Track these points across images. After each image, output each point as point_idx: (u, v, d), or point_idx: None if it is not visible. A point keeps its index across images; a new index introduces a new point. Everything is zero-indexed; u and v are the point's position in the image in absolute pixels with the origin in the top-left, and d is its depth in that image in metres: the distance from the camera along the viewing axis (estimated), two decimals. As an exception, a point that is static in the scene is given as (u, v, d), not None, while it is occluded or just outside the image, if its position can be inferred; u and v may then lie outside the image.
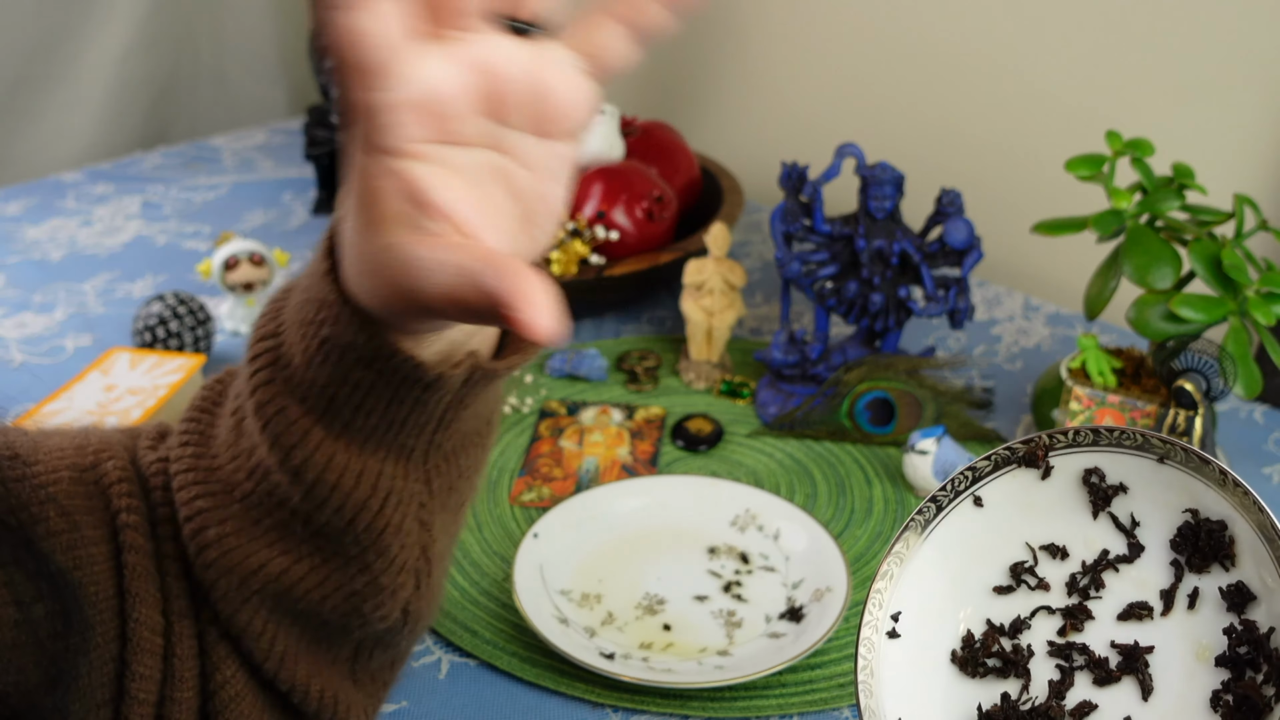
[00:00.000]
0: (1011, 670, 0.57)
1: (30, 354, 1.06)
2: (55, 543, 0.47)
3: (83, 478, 0.50)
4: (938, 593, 0.59)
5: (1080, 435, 0.57)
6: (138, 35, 1.72)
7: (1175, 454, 0.54)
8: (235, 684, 0.51)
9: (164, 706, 0.50)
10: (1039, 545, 0.59)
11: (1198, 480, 0.54)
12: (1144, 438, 0.55)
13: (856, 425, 0.94)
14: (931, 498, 0.59)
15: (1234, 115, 1.06)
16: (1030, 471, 0.58)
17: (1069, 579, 0.58)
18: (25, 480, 0.48)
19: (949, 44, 1.24)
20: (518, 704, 0.70)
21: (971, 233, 0.92)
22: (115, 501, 0.50)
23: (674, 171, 1.17)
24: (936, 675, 0.58)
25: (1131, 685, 0.55)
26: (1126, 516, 0.57)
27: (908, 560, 0.59)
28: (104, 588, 0.49)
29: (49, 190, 1.41)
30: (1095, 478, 0.57)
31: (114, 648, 0.49)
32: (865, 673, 0.57)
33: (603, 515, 0.83)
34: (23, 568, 0.45)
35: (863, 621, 0.58)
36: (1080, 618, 0.57)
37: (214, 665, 0.51)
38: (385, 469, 0.48)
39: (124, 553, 0.49)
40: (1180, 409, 0.79)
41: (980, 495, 0.59)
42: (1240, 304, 0.79)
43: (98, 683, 0.48)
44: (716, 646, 0.73)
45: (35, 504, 0.47)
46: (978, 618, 0.59)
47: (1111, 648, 0.56)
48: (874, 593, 0.59)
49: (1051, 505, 0.58)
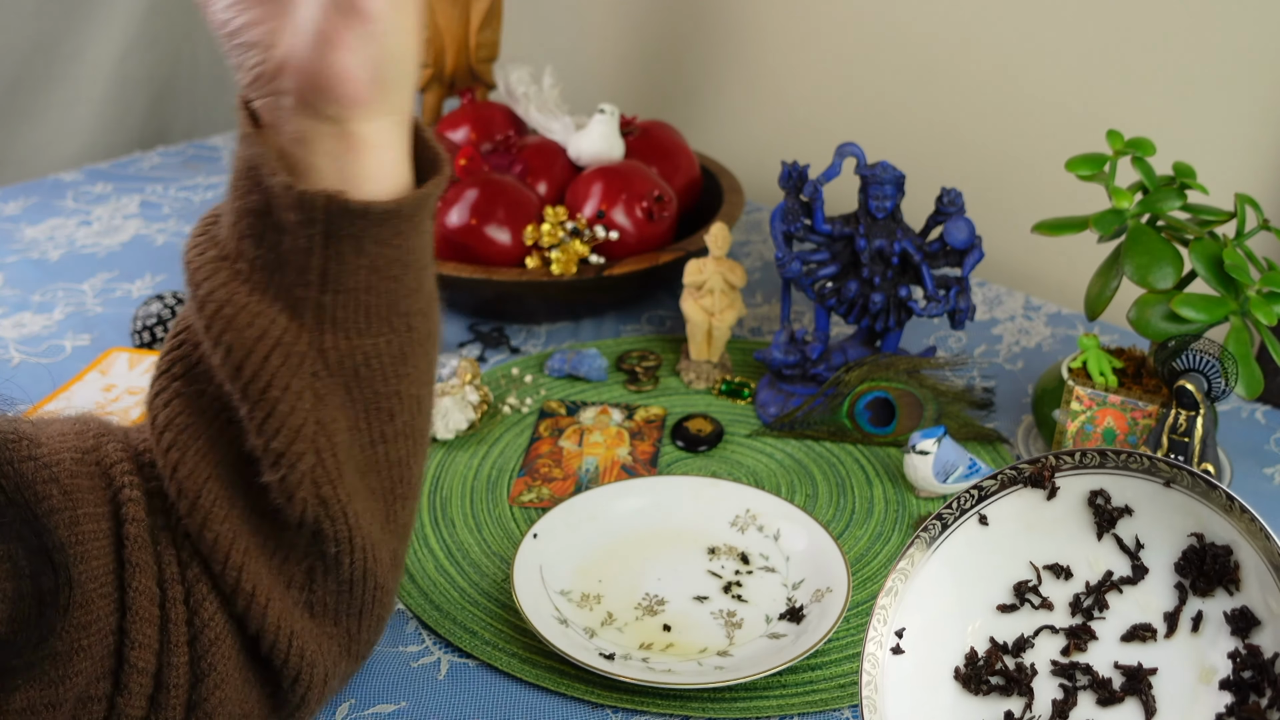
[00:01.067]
0: (1015, 689, 0.57)
1: (29, 354, 1.06)
2: (57, 519, 0.50)
3: (84, 459, 0.53)
4: (942, 610, 0.59)
5: (1087, 457, 0.57)
6: (137, 35, 1.72)
7: (1182, 478, 0.54)
8: (215, 625, 0.53)
9: (161, 673, 0.52)
10: (1043, 565, 0.59)
11: (1204, 505, 0.54)
12: (1151, 461, 0.55)
13: (857, 425, 0.94)
14: (937, 515, 0.59)
15: (1235, 115, 1.06)
16: (1036, 492, 0.58)
17: (1073, 599, 0.58)
18: (30, 460, 0.50)
19: (949, 43, 1.24)
20: (517, 704, 0.70)
21: (972, 232, 0.92)
22: (117, 479, 0.53)
23: (674, 171, 1.17)
24: (940, 692, 0.59)
25: (1135, 706, 0.55)
26: (1131, 539, 0.57)
27: (912, 577, 0.59)
28: (104, 561, 0.51)
29: (48, 190, 1.41)
30: (1101, 499, 0.57)
31: (114, 619, 0.51)
32: (870, 689, 0.57)
33: (603, 515, 0.82)
34: (25, 544, 0.47)
35: (867, 637, 0.58)
36: (1084, 638, 0.57)
37: (196, 606, 0.53)
38: (277, 319, 0.51)
39: (125, 525, 0.52)
40: (1181, 409, 0.79)
41: (986, 514, 0.59)
42: (1241, 304, 0.79)
43: (98, 654, 0.50)
44: (716, 647, 0.73)
45: (40, 483, 0.50)
46: (981, 635, 0.59)
47: (1115, 668, 0.56)
48: (879, 609, 0.59)
49: (1056, 525, 0.58)
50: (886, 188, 0.91)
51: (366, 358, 0.53)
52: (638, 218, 1.07)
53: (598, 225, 1.06)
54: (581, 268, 1.04)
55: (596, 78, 1.60)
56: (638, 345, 1.08)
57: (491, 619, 0.76)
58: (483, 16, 1.36)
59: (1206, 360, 0.78)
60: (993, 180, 1.23)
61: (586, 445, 0.93)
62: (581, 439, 0.94)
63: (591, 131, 1.14)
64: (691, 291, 1.01)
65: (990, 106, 1.22)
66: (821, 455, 0.93)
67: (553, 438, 0.94)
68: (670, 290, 1.14)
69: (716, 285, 1.00)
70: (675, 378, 1.03)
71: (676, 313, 1.13)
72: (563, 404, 0.99)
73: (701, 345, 1.02)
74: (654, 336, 1.10)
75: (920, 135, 1.29)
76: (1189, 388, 0.78)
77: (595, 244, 1.06)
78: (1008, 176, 1.23)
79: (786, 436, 0.95)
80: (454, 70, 1.38)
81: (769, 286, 1.21)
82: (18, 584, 0.46)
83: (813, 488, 0.89)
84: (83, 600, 0.49)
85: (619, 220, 1.06)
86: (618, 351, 1.07)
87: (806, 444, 0.94)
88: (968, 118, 1.25)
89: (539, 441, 0.94)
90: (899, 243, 0.92)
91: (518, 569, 0.76)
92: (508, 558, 0.81)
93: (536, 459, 0.92)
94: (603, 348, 1.07)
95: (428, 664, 0.73)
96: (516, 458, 0.92)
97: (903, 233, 0.93)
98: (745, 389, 1.01)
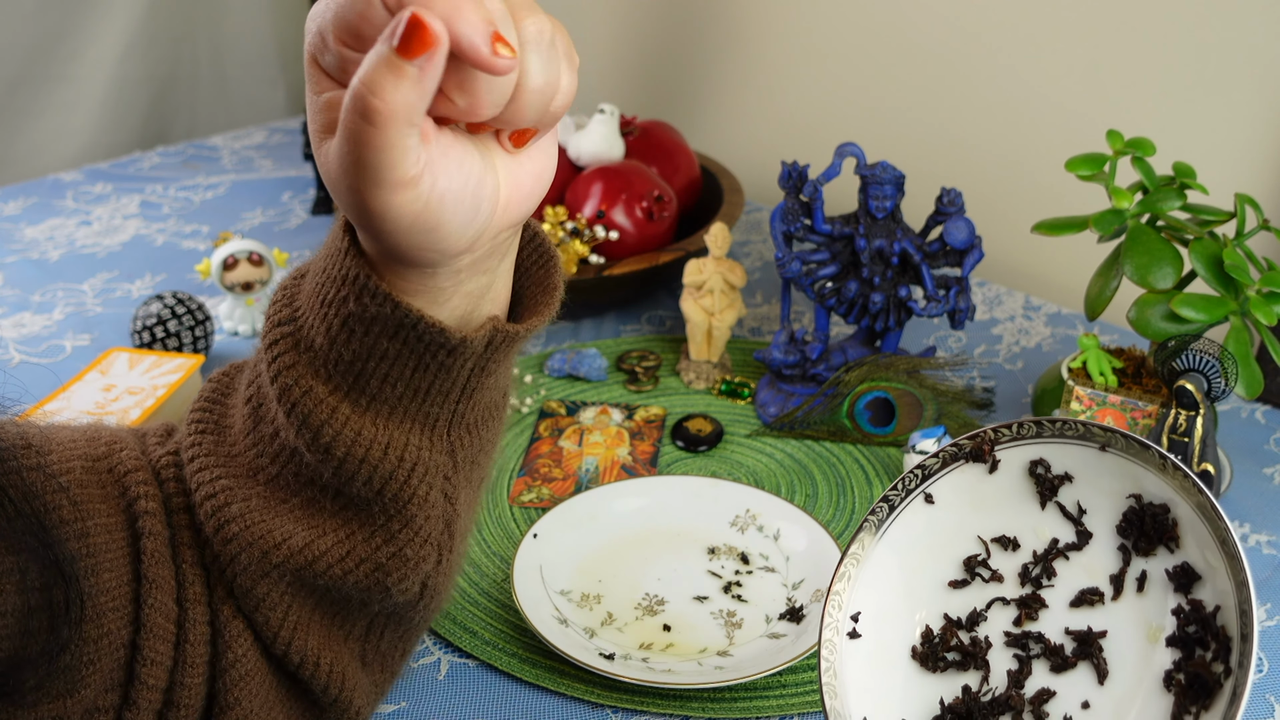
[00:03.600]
0: (971, 663, 0.58)
1: (28, 354, 1.06)
2: (67, 531, 0.48)
3: (95, 467, 0.51)
4: (895, 591, 0.60)
5: (1024, 428, 0.58)
6: (137, 35, 1.72)
7: (1116, 442, 0.56)
8: (245, 663, 0.52)
9: (173, 691, 0.51)
10: (990, 538, 0.60)
11: (1139, 466, 0.55)
12: (1085, 427, 0.56)
13: (857, 425, 0.94)
14: (884, 497, 0.60)
15: (1235, 115, 1.06)
16: (978, 466, 0.59)
17: (1021, 569, 0.59)
18: (39, 469, 0.49)
19: (949, 43, 1.24)
20: (517, 704, 0.70)
21: (972, 232, 0.92)
22: (132, 490, 0.51)
23: (674, 171, 1.17)
24: (898, 672, 0.59)
25: (1087, 670, 0.56)
26: (1073, 505, 0.58)
27: (864, 561, 0.60)
28: (117, 574, 0.50)
29: (48, 190, 1.41)
30: (1041, 469, 0.58)
31: (126, 633, 0.50)
32: (829, 674, 0.58)
33: (602, 515, 0.82)
34: (34, 556, 0.45)
35: (823, 624, 0.59)
36: (1034, 607, 0.58)
37: (225, 645, 0.52)
38: (411, 440, 0.50)
39: (142, 539, 0.51)
40: (1181, 409, 0.79)
41: (931, 492, 0.60)
42: (1241, 304, 0.79)
43: (107, 667, 0.49)
44: (716, 647, 0.73)
45: (49, 493, 0.48)
46: (935, 613, 0.60)
47: (1066, 634, 0.57)
48: (833, 594, 0.59)
49: (1000, 498, 0.59)
50: (886, 188, 0.91)
51: (484, 442, 0.54)
52: (637, 218, 1.07)
53: (598, 225, 1.06)
54: (581, 268, 1.04)
55: (596, 78, 1.60)
56: (638, 345, 1.08)
57: (491, 619, 0.76)
58: (483, 16, 1.36)
59: (1206, 360, 0.78)
60: (993, 180, 1.23)
61: (586, 445, 0.93)
62: (581, 439, 0.94)
63: (591, 131, 1.14)
64: (691, 291, 1.01)
65: (990, 107, 1.22)
66: (821, 455, 0.93)
67: (553, 438, 0.94)
68: (670, 290, 1.14)
69: (716, 285, 1.00)
70: (675, 378, 1.03)
71: (676, 313, 1.13)
72: (563, 404, 0.99)
73: (701, 345, 1.02)
74: (654, 336, 1.10)
75: (920, 135, 1.29)
76: (1189, 388, 0.78)
77: (595, 244, 1.06)
78: (1008, 176, 1.23)
79: (786, 436, 0.95)
80: (454, 70, 1.37)
81: (769, 286, 1.21)
82: (27, 597, 0.44)
83: (813, 488, 0.89)
84: (94, 614, 0.48)
85: (619, 220, 1.06)
86: (618, 351, 1.07)
87: (806, 444, 0.94)
88: (968, 118, 1.25)
89: (539, 441, 0.94)
90: (899, 243, 0.92)
91: (518, 569, 0.76)
92: (508, 558, 0.81)
93: (536, 459, 0.92)
94: (603, 348, 1.07)
95: (427, 664, 0.73)
96: (516, 458, 0.92)
97: (903, 233, 0.92)
98: (745, 389, 1.01)
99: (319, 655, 0.53)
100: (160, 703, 0.50)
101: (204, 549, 0.52)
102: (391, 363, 0.48)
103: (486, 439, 0.54)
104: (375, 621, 0.55)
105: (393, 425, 0.49)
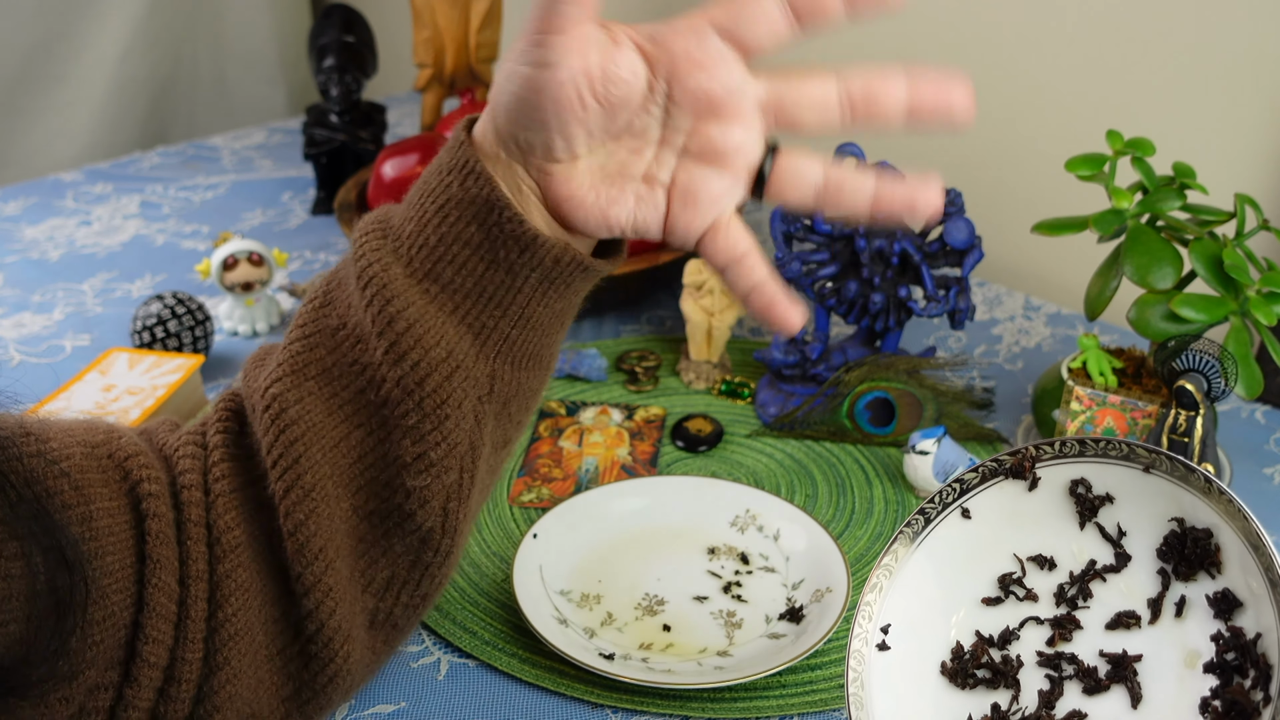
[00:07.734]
0: (1001, 681, 0.57)
1: (28, 354, 1.06)
2: (70, 515, 0.49)
3: (94, 453, 0.52)
4: (926, 605, 0.59)
5: (1067, 446, 0.57)
6: (136, 35, 1.72)
7: (1161, 463, 0.54)
8: (236, 622, 0.53)
9: (173, 667, 0.52)
10: (1027, 556, 0.59)
11: (1183, 489, 0.54)
12: (1130, 448, 0.55)
13: (857, 425, 0.94)
14: (920, 510, 0.59)
15: (1234, 115, 1.06)
16: (1017, 483, 0.58)
17: (1057, 589, 0.58)
18: (39, 456, 0.50)
19: (949, 43, 1.24)
20: (517, 704, 0.70)
21: (972, 232, 0.92)
22: (134, 473, 0.52)
23: (674, 171, 1.16)
24: (926, 687, 0.59)
25: (1121, 694, 0.55)
26: (1113, 526, 0.57)
27: (896, 572, 0.59)
28: (120, 556, 0.51)
29: (47, 190, 1.41)
30: (1082, 488, 0.57)
31: (129, 614, 0.51)
32: (855, 685, 0.57)
33: (602, 516, 0.82)
34: (39, 542, 0.46)
35: (852, 634, 0.58)
36: (1069, 627, 0.57)
37: (217, 604, 0.53)
38: (462, 344, 0.54)
39: (146, 520, 0.52)
40: (1181, 409, 0.79)
41: (968, 507, 0.59)
42: (1241, 304, 0.79)
43: (109, 646, 0.50)
44: (716, 647, 0.73)
45: (50, 478, 0.49)
46: (967, 629, 0.59)
47: (1100, 657, 0.56)
48: (863, 605, 0.59)
49: (1039, 516, 0.58)
50: (886, 188, 0.91)
51: (519, 390, 0.57)
52: (637, 218, 1.06)
53: (597, 225, 1.06)
54: (581, 268, 1.04)
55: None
56: (637, 345, 1.08)
57: (491, 619, 0.76)
58: (483, 17, 1.36)
59: (1206, 360, 0.78)
60: (993, 180, 1.23)
61: (586, 445, 0.93)
62: (581, 439, 0.94)
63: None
64: (691, 291, 1.01)
65: (990, 106, 1.22)
66: (821, 455, 0.93)
67: (552, 438, 0.94)
68: (670, 290, 1.14)
69: (716, 285, 1.00)
70: (675, 378, 1.03)
71: (676, 313, 1.13)
72: (562, 404, 0.99)
73: (701, 345, 1.02)
74: (654, 336, 1.10)
75: (920, 135, 1.29)
76: (1189, 388, 0.78)
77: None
78: (1008, 176, 1.23)
79: (786, 436, 0.95)
80: (454, 70, 1.38)
81: (769, 286, 1.21)
82: (33, 582, 0.45)
83: (813, 488, 0.89)
84: (98, 596, 0.49)
85: (619, 220, 1.06)
86: (617, 351, 1.07)
87: (806, 444, 0.94)
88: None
89: (539, 441, 0.94)
90: (899, 243, 0.92)
91: (517, 569, 0.76)
92: (507, 558, 0.81)
93: (536, 459, 0.92)
94: (602, 348, 1.07)
95: (427, 664, 0.73)
96: (516, 458, 0.92)
97: (902, 233, 0.93)
98: (745, 389, 1.01)
99: (335, 606, 0.55)
100: (161, 679, 0.52)
101: (212, 529, 0.54)
102: (471, 251, 0.53)
103: (525, 392, 0.57)
104: (396, 575, 0.57)
105: (451, 323, 0.54)
